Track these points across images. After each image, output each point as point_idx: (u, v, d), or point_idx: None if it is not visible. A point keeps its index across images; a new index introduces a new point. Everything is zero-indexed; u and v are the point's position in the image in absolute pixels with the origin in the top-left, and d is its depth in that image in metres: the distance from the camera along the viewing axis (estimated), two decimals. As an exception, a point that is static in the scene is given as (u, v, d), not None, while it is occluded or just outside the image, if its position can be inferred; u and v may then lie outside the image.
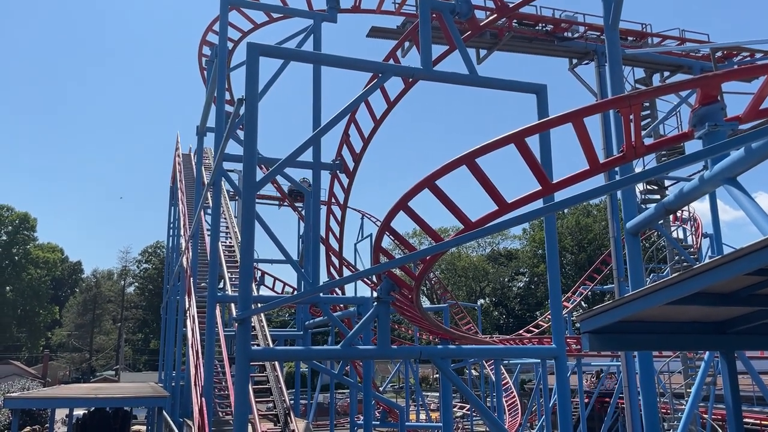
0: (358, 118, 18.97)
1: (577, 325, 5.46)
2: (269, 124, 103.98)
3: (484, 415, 8.00)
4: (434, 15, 8.40)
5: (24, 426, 27.28)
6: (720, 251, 15.97)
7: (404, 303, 8.63)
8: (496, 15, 13.11)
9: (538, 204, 5.82)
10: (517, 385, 33.31)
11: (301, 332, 19.16)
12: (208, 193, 17.83)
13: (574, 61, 18.05)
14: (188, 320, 15.02)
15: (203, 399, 11.27)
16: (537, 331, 35.66)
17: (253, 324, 15.31)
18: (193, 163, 23.75)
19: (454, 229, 46.63)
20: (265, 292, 26.46)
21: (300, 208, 26.61)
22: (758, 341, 6.40)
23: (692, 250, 18.80)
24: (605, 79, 16.43)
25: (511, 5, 13.20)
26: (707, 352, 13.44)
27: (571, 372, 24.06)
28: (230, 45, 16.42)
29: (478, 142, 5.68)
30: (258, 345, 15.04)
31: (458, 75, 8.36)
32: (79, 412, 24.72)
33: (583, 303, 44.11)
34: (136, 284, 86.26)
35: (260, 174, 9.38)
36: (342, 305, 18.46)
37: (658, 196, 15.58)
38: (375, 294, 7.35)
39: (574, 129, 5.26)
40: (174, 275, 21.70)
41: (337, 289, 19.29)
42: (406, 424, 19.48)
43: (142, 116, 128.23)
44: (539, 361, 25.60)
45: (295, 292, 22.34)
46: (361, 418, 13.87)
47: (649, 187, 15.94)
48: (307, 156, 12.87)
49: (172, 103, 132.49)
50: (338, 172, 19.39)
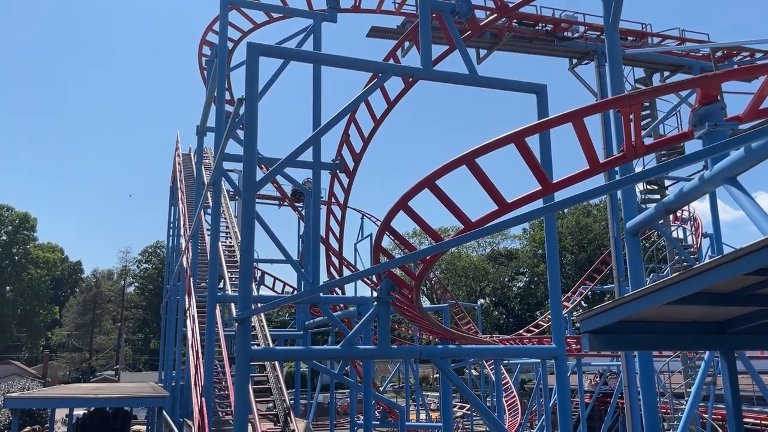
0: (358, 118, 18.97)
1: (577, 324, 5.46)
2: (269, 124, 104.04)
3: (484, 414, 8.00)
4: (434, 15, 8.39)
5: (24, 426, 27.27)
6: (720, 251, 15.96)
7: (404, 303, 8.62)
8: (496, 15, 13.10)
9: (538, 204, 5.82)
10: (517, 385, 33.29)
11: (301, 332, 19.16)
12: (208, 193, 17.82)
13: (574, 61, 18.06)
14: (188, 320, 15.02)
15: (203, 399, 11.27)
16: (537, 330, 35.65)
17: (253, 324, 15.31)
18: (193, 163, 23.74)
19: (454, 229, 46.60)
20: (265, 292, 26.47)
21: (300, 208, 26.61)
22: (758, 341, 6.40)
23: (692, 250, 18.81)
24: (605, 78, 16.43)
25: (511, 5, 13.19)
26: (707, 352, 13.44)
27: (571, 372, 24.06)
28: (230, 45, 16.42)
29: (478, 141, 5.68)
30: (258, 345, 15.03)
31: (458, 75, 8.36)
32: (79, 412, 24.71)
33: (583, 303, 44.11)
34: (136, 284, 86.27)
35: (260, 174, 9.39)
36: (342, 305, 18.44)
37: (658, 196, 15.58)
38: (375, 294, 7.34)
39: (574, 129, 5.26)
40: (174, 275, 21.70)
41: (337, 289, 19.28)
42: (406, 424, 19.46)
43: (142, 116, 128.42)
44: (539, 361, 25.59)
45: (295, 292, 22.34)
46: (361, 418, 13.86)
47: (649, 187, 15.94)
48: (307, 156, 12.87)
49: (172, 103, 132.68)
50: (338, 171, 19.39)
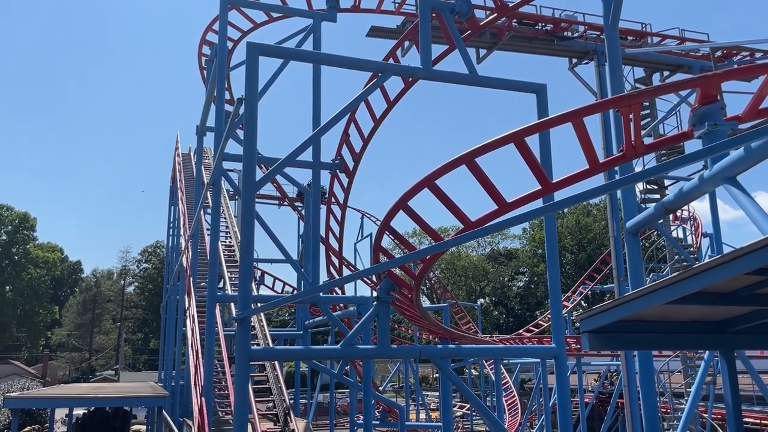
0: (358, 118, 18.97)
1: (577, 324, 5.46)
2: (269, 123, 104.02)
3: (484, 414, 8.00)
4: (434, 14, 8.38)
5: (24, 426, 27.25)
6: (720, 251, 15.96)
7: (404, 302, 8.62)
8: (495, 14, 13.09)
9: (537, 203, 5.81)
10: (517, 385, 33.30)
11: (301, 332, 19.16)
12: (208, 192, 17.81)
13: (574, 60, 18.06)
14: (188, 320, 15.01)
15: (203, 399, 11.26)
16: (537, 330, 35.64)
17: (252, 323, 15.31)
18: (193, 163, 23.73)
19: (454, 228, 46.61)
20: (265, 291, 26.45)
21: (300, 208, 26.61)
22: (758, 340, 6.40)
23: (692, 249, 18.82)
24: (605, 78, 16.43)
25: (511, 5, 13.16)
26: (707, 352, 13.44)
27: (570, 371, 24.07)
28: (230, 44, 16.41)
29: (478, 141, 5.67)
30: (258, 344, 15.04)
31: (458, 74, 8.36)
32: (78, 412, 24.70)
33: (582, 302, 44.10)
34: (136, 284, 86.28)
35: (260, 174, 9.38)
36: (342, 305, 18.44)
37: (657, 196, 15.59)
38: (375, 293, 7.34)
39: (573, 128, 5.25)
40: (174, 275, 21.69)
41: (336, 289, 19.30)
42: (406, 423, 19.45)
43: (142, 116, 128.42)
44: (539, 360, 25.60)
45: (295, 292, 22.35)
46: (361, 417, 13.86)
47: (648, 186, 15.95)
48: (307, 155, 12.86)
49: (172, 102, 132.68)
50: (338, 171, 19.39)
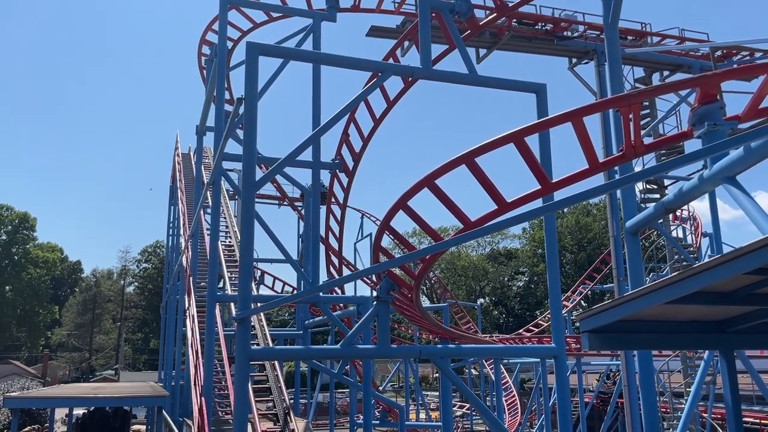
0: (358, 118, 18.95)
1: (577, 324, 5.46)
2: (269, 123, 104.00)
3: (484, 414, 8.00)
4: (434, 14, 8.38)
5: (24, 426, 27.24)
6: (719, 250, 15.95)
7: (404, 302, 8.62)
8: (495, 14, 13.08)
9: (537, 203, 5.81)
10: (517, 385, 33.29)
11: (301, 331, 19.14)
12: (208, 192, 17.81)
13: (574, 60, 18.06)
14: (188, 320, 15.01)
15: (203, 398, 11.26)
16: (537, 330, 35.63)
17: (252, 323, 15.30)
18: (193, 163, 23.74)
19: (453, 228, 46.58)
20: (264, 291, 26.47)
21: (300, 208, 26.61)
22: (757, 340, 6.40)
23: (692, 249, 18.82)
24: (605, 78, 16.44)
25: (511, 4, 13.14)
26: (707, 351, 13.44)
27: (570, 371, 24.07)
28: (230, 44, 16.41)
29: (478, 141, 5.66)
30: (258, 344, 15.03)
31: (458, 74, 8.35)
32: (78, 412, 24.69)
33: (582, 302, 44.10)
34: (136, 284, 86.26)
35: (260, 173, 9.39)
36: (342, 304, 18.44)
37: (657, 196, 15.59)
38: (375, 293, 7.34)
39: (573, 128, 5.25)
40: (174, 275, 21.69)
41: (336, 289, 19.29)
42: (406, 423, 19.44)
43: (142, 116, 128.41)
44: (539, 360, 25.59)
45: (295, 292, 22.35)
46: (361, 417, 13.85)
47: (648, 186, 15.95)
48: (307, 155, 12.86)
49: (172, 102, 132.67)
50: (338, 171, 19.38)
